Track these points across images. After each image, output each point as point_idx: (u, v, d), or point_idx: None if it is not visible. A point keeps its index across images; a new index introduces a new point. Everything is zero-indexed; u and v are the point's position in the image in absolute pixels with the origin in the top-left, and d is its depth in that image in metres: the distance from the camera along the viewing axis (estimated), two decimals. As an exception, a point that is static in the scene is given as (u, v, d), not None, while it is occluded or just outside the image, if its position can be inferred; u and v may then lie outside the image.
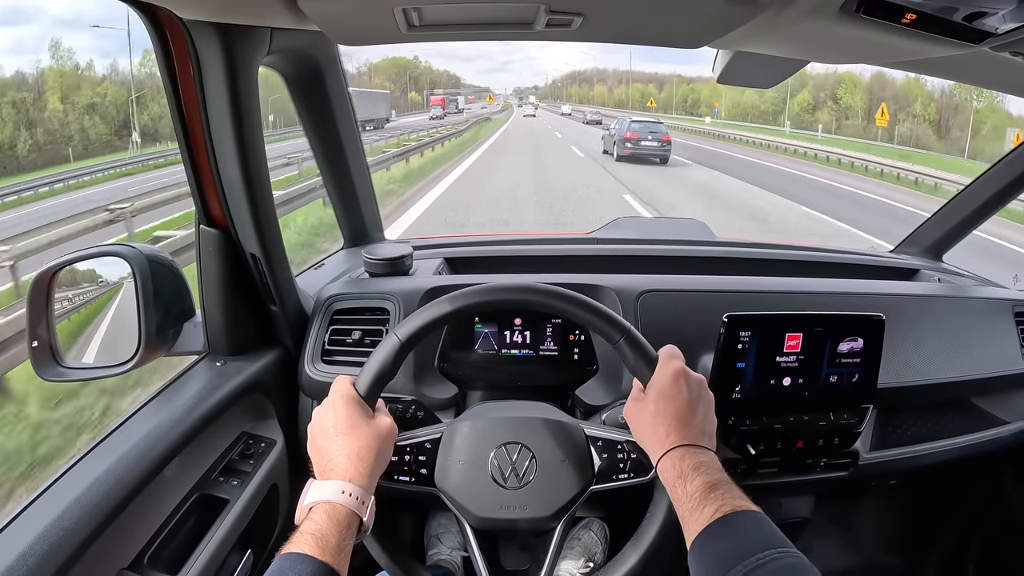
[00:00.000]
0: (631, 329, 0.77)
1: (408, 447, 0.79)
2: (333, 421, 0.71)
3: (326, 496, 0.66)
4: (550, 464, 0.78)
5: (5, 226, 10.33)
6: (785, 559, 0.58)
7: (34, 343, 0.91)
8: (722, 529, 0.62)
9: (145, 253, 0.91)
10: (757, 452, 1.00)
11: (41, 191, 15.44)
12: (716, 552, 0.61)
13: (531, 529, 0.80)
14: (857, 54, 0.91)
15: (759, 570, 0.57)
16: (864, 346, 0.98)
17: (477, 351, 1.11)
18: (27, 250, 5.58)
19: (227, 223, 0.94)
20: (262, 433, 0.99)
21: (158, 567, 0.77)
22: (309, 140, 1.25)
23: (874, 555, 1.58)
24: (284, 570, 0.59)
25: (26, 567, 0.61)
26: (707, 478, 0.67)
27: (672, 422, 0.72)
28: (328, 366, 1.07)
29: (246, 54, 0.83)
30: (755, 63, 1.00)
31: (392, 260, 1.22)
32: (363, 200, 1.43)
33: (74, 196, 14.97)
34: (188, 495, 0.86)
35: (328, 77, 1.13)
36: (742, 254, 1.51)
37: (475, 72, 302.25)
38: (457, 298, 0.77)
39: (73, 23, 69.09)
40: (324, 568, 0.60)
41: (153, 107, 27.99)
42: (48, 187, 15.77)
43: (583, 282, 1.13)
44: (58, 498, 0.70)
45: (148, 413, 0.88)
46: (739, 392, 0.97)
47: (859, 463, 1.10)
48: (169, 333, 0.95)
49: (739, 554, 0.59)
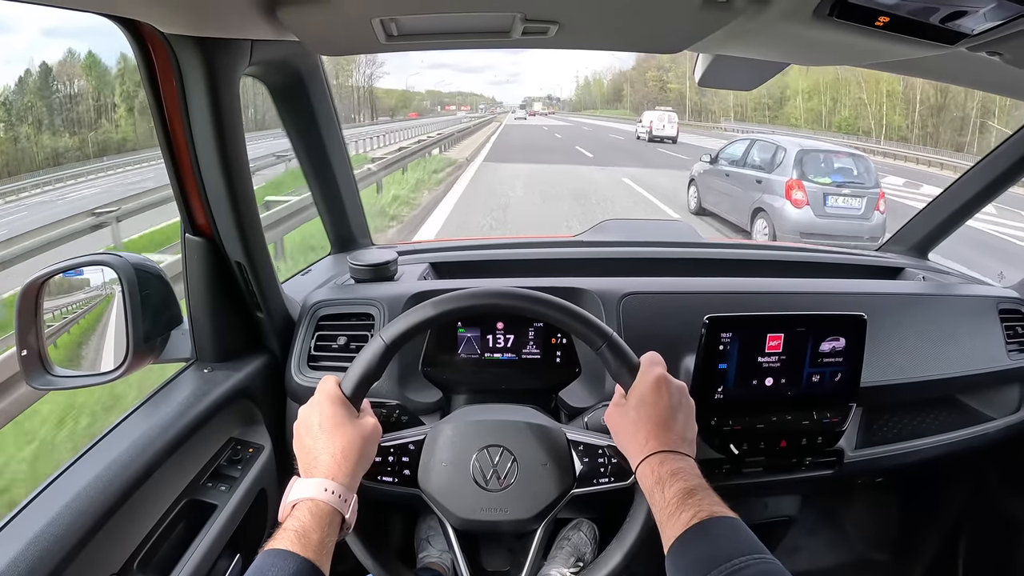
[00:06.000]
0: (613, 335, 0.78)
1: (392, 448, 0.80)
2: (318, 420, 0.73)
3: (309, 494, 0.67)
4: (531, 467, 0.79)
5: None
6: (759, 565, 0.59)
7: (23, 352, 0.92)
8: (698, 535, 0.63)
9: (132, 262, 0.92)
10: (741, 452, 1.01)
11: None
12: (691, 558, 0.62)
13: (512, 531, 0.81)
14: (834, 56, 0.92)
15: (735, 575, 0.58)
16: (846, 345, 0.99)
17: (460, 355, 1.12)
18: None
19: (212, 231, 0.95)
20: (250, 439, 1.00)
21: (148, 572, 0.78)
22: (294, 147, 1.26)
23: (862, 552, 1.59)
24: (267, 566, 0.60)
25: (17, 573, 0.62)
26: (684, 484, 0.67)
27: (652, 428, 0.73)
28: (314, 372, 1.08)
29: (227, 66, 0.84)
30: (735, 66, 1.01)
31: (377, 266, 1.23)
32: (349, 206, 1.43)
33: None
34: (177, 500, 0.86)
35: (311, 85, 1.14)
36: (726, 255, 1.52)
37: (483, 83, 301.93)
38: (441, 302, 0.78)
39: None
40: (306, 564, 0.61)
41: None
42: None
43: (566, 285, 1.14)
44: (48, 504, 0.70)
45: (136, 420, 0.88)
46: (721, 393, 0.98)
47: (844, 461, 1.11)
48: (157, 341, 0.96)
49: (714, 560, 0.59)
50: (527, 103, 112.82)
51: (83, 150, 29.06)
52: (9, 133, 28.24)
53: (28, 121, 29.17)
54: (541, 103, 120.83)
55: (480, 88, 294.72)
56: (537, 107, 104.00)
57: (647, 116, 28.26)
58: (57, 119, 29.75)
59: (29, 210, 15.40)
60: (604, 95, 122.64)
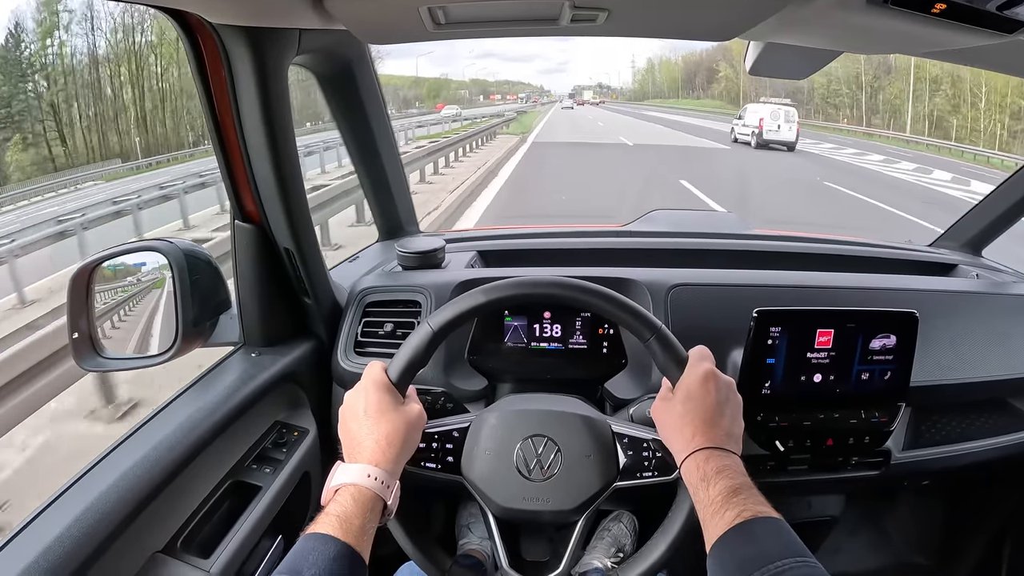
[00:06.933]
0: (662, 328, 0.77)
1: (436, 435, 0.80)
2: (364, 406, 0.73)
3: (352, 479, 0.67)
4: (575, 458, 0.79)
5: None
6: (802, 569, 0.58)
7: (74, 334, 0.95)
8: (742, 534, 0.62)
9: (182, 248, 0.94)
10: (786, 449, 0.99)
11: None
12: (734, 557, 0.61)
13: (553, 522, 0.81)
14: (887, 44, 0.89)
15: None
16: (897, 343, 0.96)
17: (507, 344, 1.12)
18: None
19: (261, 218, 0.96)
20: (295, 422, 1.02)
21: (191, 551, 0.80)
22: (343, 136, 1.28)
23: (904, 556, 1.55)
24: (308, 550, 0.61)
25: (63, 548, 0.64)
26: (730, 482, 0.66)
27: (699, 424, 0.72)
28: (361, 357, 1.10)
29: (275, 55, 0.85)
30: (786, 54, 0.98)
31: (424, 253, 1.23)
32: (397, 194, 1.45)
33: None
34: (222, 481, 0.88)
35: (359, 73, 1.15)
36: (775, 247, 1.48)
37: (532, 72, 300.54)
38: (490, 290, 0.78)
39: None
40: (347, 549, 0.61)
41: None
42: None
43: (614, 275, 1.13)
44: (95, 482, 0.73)
45: (184, 402, 0.91)
46: (768, 388, 0.96)
47: (891, 462, 1.08)
48: (206, 325, 0.98)
49: (757, 561, 0.58)
50: (576, 92, 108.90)
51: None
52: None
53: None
54: (591, 92, 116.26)
55: (529, 77, 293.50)
56: (587, 96, 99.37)
57: (754, 110, 19.32)
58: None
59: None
60: (675, 82, 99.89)
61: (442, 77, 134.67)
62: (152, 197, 8.91)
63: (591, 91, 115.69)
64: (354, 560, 0.62)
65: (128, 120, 30.31)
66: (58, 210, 9.45)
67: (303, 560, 0.60)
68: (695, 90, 75.03)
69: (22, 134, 26.88)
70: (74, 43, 29.05)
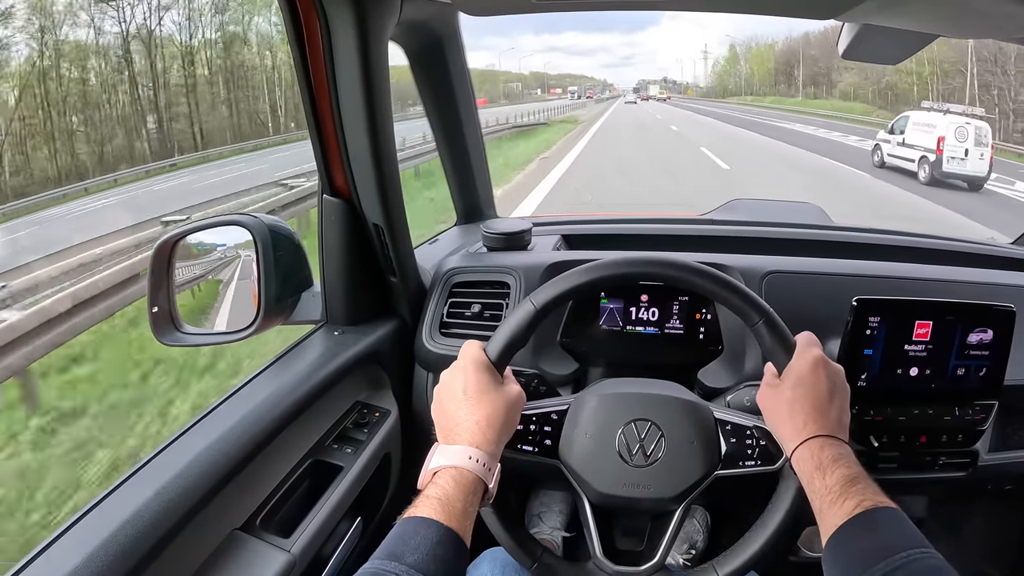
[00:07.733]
0: (771, 312, 0.74)
1: (534, 417, 0.78)
2: (463, 385, 0.71)
3: (453, 461, 0.65)
4: (679, 444, 0.76)
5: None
6: (928, 560, 0.56)
7: (154, 308, 0.94)
8: (863, 524, 0.60)
9: (267, 223, 0.93)
10: (880, 444, 0.96)
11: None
12: (857, 548, 0.59)
13: (651, 510, 0.79)
14: (989, 28, 0.86)
15: (902, 569, 0.55)
16: (993, 338, 0.92)
17: (601, 326, 1.10)
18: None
19: (351, 193, 0.95)
20: (376, 403, 1.00)
21: (271, 529, 0.79)
22: (428, 115, 1.26)
23: (976, 564, 1.50)
24: (409, 533, 0.58)
25: (142, 522, 0.63)
26: (847, 471, 0.64)
27: (810, 411, 0.70)
28: (446, 339, 1.08)
29: (377, 24, 0.83)
30: (882, 38, 0.96)
31: (512, 235, 1.22)
32: (478, 177, 1.43)
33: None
34: (302, 460, 0.87)
35: (449, 50, 1.14)
36: (862, 239, 1.43)
37: (595, 66, 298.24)
38: (594, 269, 0.75)
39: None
40: (450, 533, 0.59)
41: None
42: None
43: (709, 260, 1.09)
44: (177, 457, 0.72)
45: (266, 379, 0.89)
46: (864, 380, 0.93)
47: (978, 464, 1.04)
48: (288, 302, 0.97)
49: (881, 552, 0.57)
50: (641, 86, 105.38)
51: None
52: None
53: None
54: (657, 86, 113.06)
55: (592, 71, 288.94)
56: (652, 91, 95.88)
57: (924, 122, 11.49)
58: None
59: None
60: (768, 74, 66.55)
61: (487, 69, 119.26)
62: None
63: (657, 85, 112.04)
64: (458, 544, 0.60)
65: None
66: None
67: (404, 544, 0.57)
68: (791, 86, 53.75)
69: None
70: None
